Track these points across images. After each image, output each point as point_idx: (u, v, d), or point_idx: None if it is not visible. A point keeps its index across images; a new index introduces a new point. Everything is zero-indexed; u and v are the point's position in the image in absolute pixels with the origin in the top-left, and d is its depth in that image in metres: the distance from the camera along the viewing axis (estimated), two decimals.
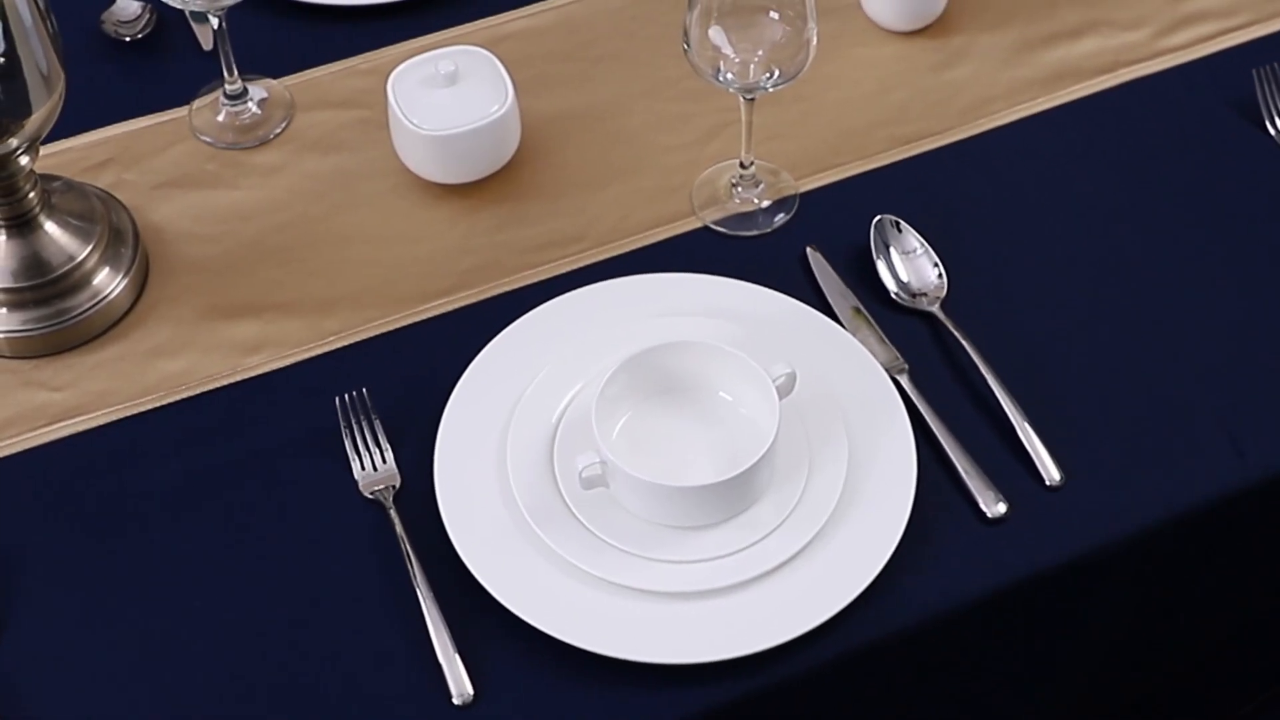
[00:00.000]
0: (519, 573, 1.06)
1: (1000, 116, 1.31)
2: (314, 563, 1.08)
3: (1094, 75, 1.34)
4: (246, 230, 1.26)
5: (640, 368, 1.10)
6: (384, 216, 1.26)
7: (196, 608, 1.07)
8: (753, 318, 1.16)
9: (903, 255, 1.21)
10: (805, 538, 1.06)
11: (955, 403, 1.14)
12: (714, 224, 1.25)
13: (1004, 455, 1.12)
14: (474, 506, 1.08)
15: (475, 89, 1.25)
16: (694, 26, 1.15)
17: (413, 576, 1.06)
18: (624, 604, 1.04)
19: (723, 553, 1.06)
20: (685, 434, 1.10)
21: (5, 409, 1.16)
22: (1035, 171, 1.28)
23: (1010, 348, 1.17)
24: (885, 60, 1.35)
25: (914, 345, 1.18)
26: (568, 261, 1.23)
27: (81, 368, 1.18)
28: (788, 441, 1.09)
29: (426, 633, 1.04)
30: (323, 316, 1.21)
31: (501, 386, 1.13)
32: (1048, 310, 1.19)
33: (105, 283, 1.20)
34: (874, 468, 1.09)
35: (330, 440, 1.13)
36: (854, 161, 1.29)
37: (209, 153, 1.31)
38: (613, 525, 1.07)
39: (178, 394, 1.17)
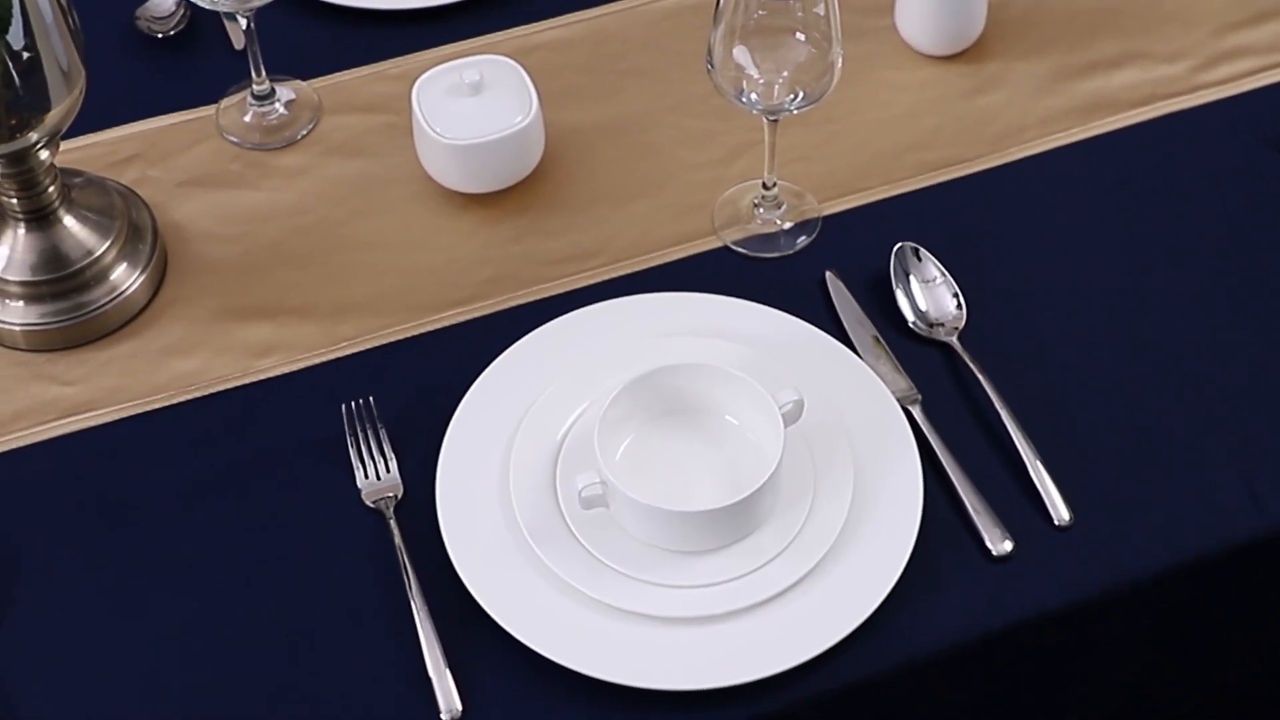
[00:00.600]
0: (515, 590, 1.05)
1: (1032, 145, 1.29)
2: (312, 569, 1.08)
3: (1130, 107, 1.32)
4: (266, 232, 1.26)
5: (647, 388, 1.09)
6: (404, 223, 1.26)
7: (193, 609, 1.06)
8: (766, 341, 1.15)
9: (922, 284, 1.19)
10: (805, 567, 1.04)
11: (968, 436, 1.13)
12: (734, 244, 1.24)
13: (1014, 492, 1.10)
14: (474, 521, 1.08)
15: (500, 99, 1.24)
16: (718, 45, 1.13)
17: (408, 588, 1.05)
18: (620, 627, 1.03)
19: (722, 579, 1.05)
20: (690, 457, 1.09)
21: (16, 402, 1.17)
22: (1064, 203, 1.26)
23: (1027, 382, 1.15)
24: (917, 84, 1.34)
25: (930, 375, 1.16)
26: (585, 276, 1.22)
27: (94, 363, 1.19)
28: (793, 468, 1.08)
29: (419, 645, 1.03)
30: (337, 322, 1.20)
31: (508, 401, 1.13)
32: (1067, 346, 1.17)
33: (122, 278, 1.20)
34: (880, 499, 1.08)
35: (337, 447, 1.13)
36: (880, 186, 1.27)
37: (234, 152, 1.31)
38: (612, 547, 1.06)
39: (188, 394, 1.17)
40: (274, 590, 1.07)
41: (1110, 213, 1.25)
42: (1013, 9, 1.38)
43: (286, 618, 1.06)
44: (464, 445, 1.11)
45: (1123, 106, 1.32)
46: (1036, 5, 1.39)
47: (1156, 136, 1.30)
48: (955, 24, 1.33)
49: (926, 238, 1.22)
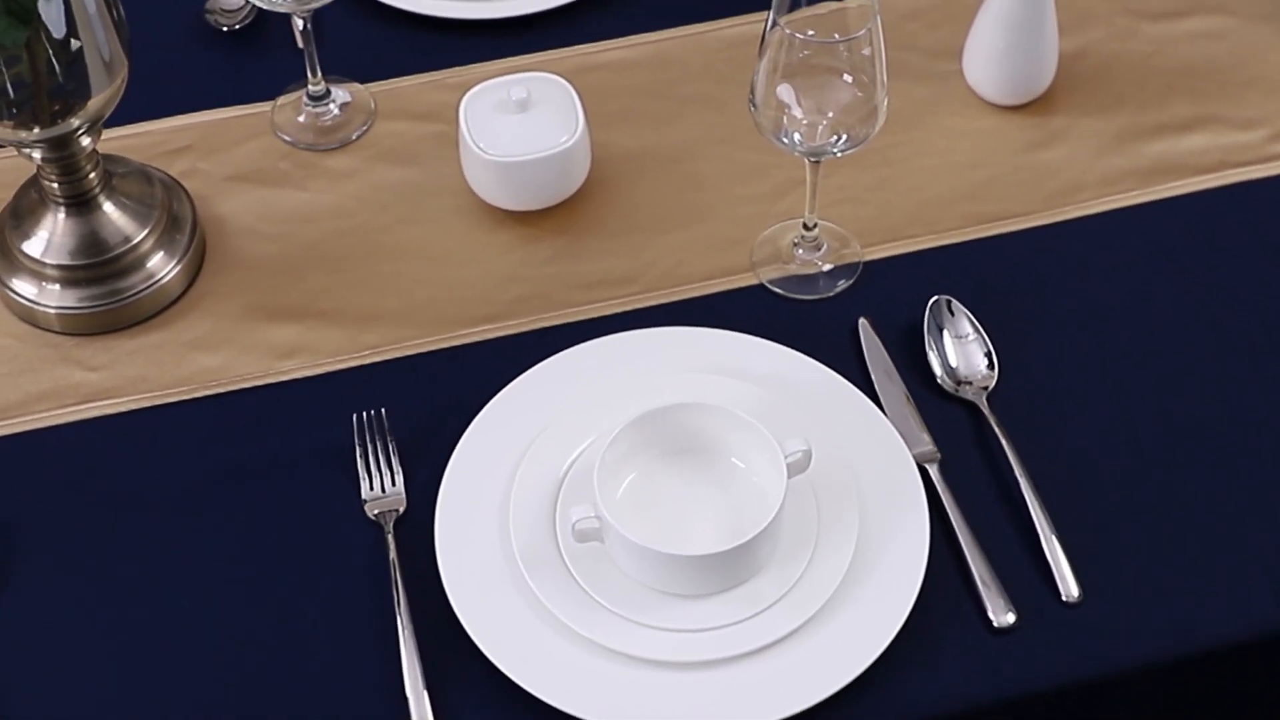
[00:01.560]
0: (504, 619, 1.04)
1: (1089, 205, 1.26)
2: (307, 576, 1.08)
3: (1196, 173, 1.28)
4: (305, 233, 1.26)
5: (654, 425, 1.07)
6: (442, 235, 1.25)
7: (184, 606, 1.07)
8: (787, 385, 1.13)
9: (955, 339, 1.16)
10: (797, 621, 1.02)
11: (984, 500, 1.10)
12: (770, 283, 1.22)
13: (1024, 562, 1.07)
14: (470, 545, 1.07)
15: (546, 117, 1.23)
16: (761, 82, 1.11)
17: (396, 605, 1.05)
18: (605, 665, 1.02)
19: (712, 625, 1.03)
20: (692, 497, 1.07)
21: (42, 383, 1.18)
22: (1115, 269, 1.22)
23: (1051, 450, 1.12)
24: (979, 133, 1.31)
25: (953, 434, 1.13)
26: (616, 303, 1.21)
27: (120, 351, 1.19)
28: (796, 518, 1.06)
29: (402, 663, 1.03)
30: (362, 329, 1.20)
31: (519, 425, 1.12)
32: (1098, 416, 1.14)
33: (158, 266, 1.21)
34: (883, 557, 1.05)
35: (347, 455, 1.13)
36: (926, 235, 1.24)
37: (284, 151, 1.31)
38: (605, 584, 1.04)
39: (208, 389, 1.17)
40: (267, 593, 1.07)
41: (1160, 281, 1.21)
42: (1086, 62, 1.35)
43: (275, 622, 1.06)
44: (469, 466, 1.10)
45: (1188, 172, 1.28)
46: (1111, 61, 1.35)
47: (1219, 205, 1.26)
48: (1023, 74, 1.30)
49: (967, 292, 1.19)
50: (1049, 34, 1.28)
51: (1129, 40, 1.36)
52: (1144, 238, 1.24)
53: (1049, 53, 1.30)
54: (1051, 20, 1.28)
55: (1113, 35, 1.37)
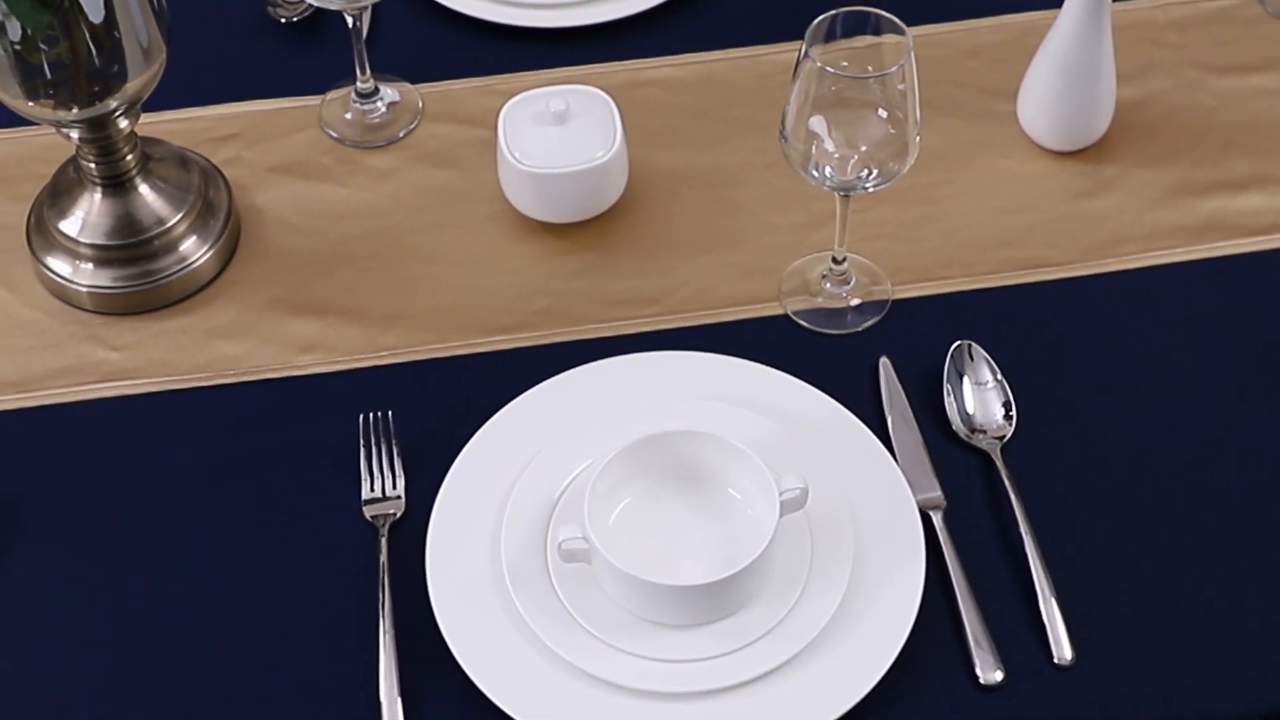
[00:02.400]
0: (485, 633, 1.03)
1: (1131, 259, 1.23)
2: (299, 572, 1.08)
3: (1247, 235, 1.24)
4: (339, 229, 1.26)
5: (653, 450, 1.06)
6: (474, 241, 1.25)
7: (175, 590, 1.07)
8: (798, 419, 1.11)
9: (975, 386, 1.14)
10: (776, 661, 1.01)
11: (986, 551, 1.07)
12: (796, 314, 1.20)
13: (1020, 619, 1.04)
14: (460, 556, 1.06)
15: (583, 131, 1.22)
16: (792, 114, 1.10)
17: (380, 608, 1.05)
18: (580, 689, 1.01)
19: (690, 657, 1.01)
20: (686, 526, 1.06)
21: (65, 359, 1.19)
22: (1150, 328, 1.19)
23: (1060, 508, 1.09)
24: (1027, 177, 1.28)
25: (962, 482, 1.11)
26: (638, 323, 1.20)
27: (146, 333, 1.20)
28: (790, 555, 1.05)
29: (379, 666, 1.03)
30: (383, 330, 1.20)
31: (522, 439, 1.11)
32: (1113, 480, 1.11)
33: (190, 250, 1.22)
34: (874, 602, 1.04)
35: (353, 454, 1.13)
36: (960, 277, 1.22)
37: (328, 146, 1.32)
38: (589, 607, 1.03)
39: (225, 378, 1.18)
40: (258, 585, 1.07)
41: (1194, 345, 1.18)
42: (1146, 112, 1.32)
43: (262, 613, 1.06)
44: (468, 477, 1.10)
45: (1239, 232, 1.24)
46: (1172, 112, 1.32)
47: (1268, 270, 1.22)
48: (1076, 120, 1.27)
49: (995, 339, 1.17)
50: (1105, 80, 1.26)
51: (1193, 92, 1.33)
52: (1184, 298, 1.21)
53: (1104, 99, 1.27)
54: (1109, 66, 1.25)
55: (1177, 86, 1.34)
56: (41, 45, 1.09)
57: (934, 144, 1.30)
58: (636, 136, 1.30)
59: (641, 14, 1.39)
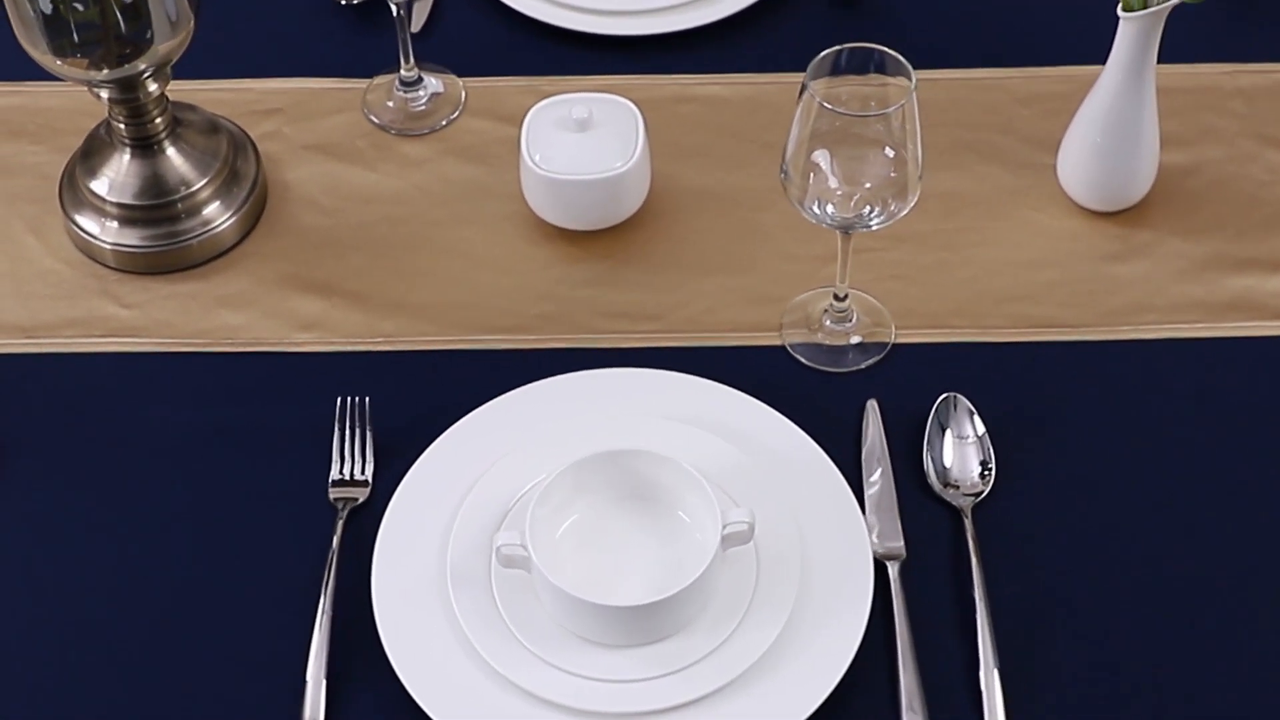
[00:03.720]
0: (419, 631, 1.04)
1: (1148, 330, 1.19)
2: (259, 544, 1.10)
3: (1274, 317, 1.19)
4: (361, 212, 1.28)
5: (609, 466, 1.06)
6: (490, 240, 1.26)
7: (137, 545, 1.10)
8: (770, 453, 1.10)
9: (956, 439, 1.12)
10: (695, 694, 1.00)
11: (937, 611, 1.05)
12: (793, 347, 1.19)
13: (959, 684, 1.02)
14: (409, 551, 1.07)
15: (604, 140, 1.22)
16: (792, 148, 1.08)
17: (323, 590, 1.05)
18: (502, 697, 1.01)
19: (613, 677, 1.01)
20: (633, 545, 1.06)
21: (75, 310, 1.22)
22: (1153, 403, 1.15)
23: (1023, 578, 1.06)
24: (1057, 233, 1.25)
25: (928, 536, 1.09)
26: (636, 338, 1.20)
27: (157, 293, 1.23)
28: (733, 587, 1.04)
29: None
30: (384, 317, 1.21)
31: (488, 441, 1.11)
32: (1084, 555, 1.08)
33: (213, 215, 1.24)
34: (809, 646, 1.02)
35: (330, 435, 1.14)
36: (968, 328, 1.20)
37: (366, 130, 1.33)
38: (524, 615, 1.03)
39: (222, 346, 1.20)
40: (217, 550, 1.09)
41: (1198, 427, 1.14)
42: (1194, 179, 1.28)
43: (216, 578, 1.08)
44: (430, 473, 1.10)
45: (1266, 314, 1.20)
46: (1221, 182, 1.28)
47: None
48: (1113, 180, 1.23)
49: (990, 395, 1.15)
50: (1146, 142, 1.22)
51: (1247, 164, 1.29)
52: (1196, 377, 1.17)
53: (1145, 162, 1.23)
54: (1151, 128, 1.22)
55: (1231, 156, 1.29)
56: (76, 4, 1.12)
57: (968, 190, 1.28)
58: (669, 151, 1.30)
59: (696, 29, 1.38)
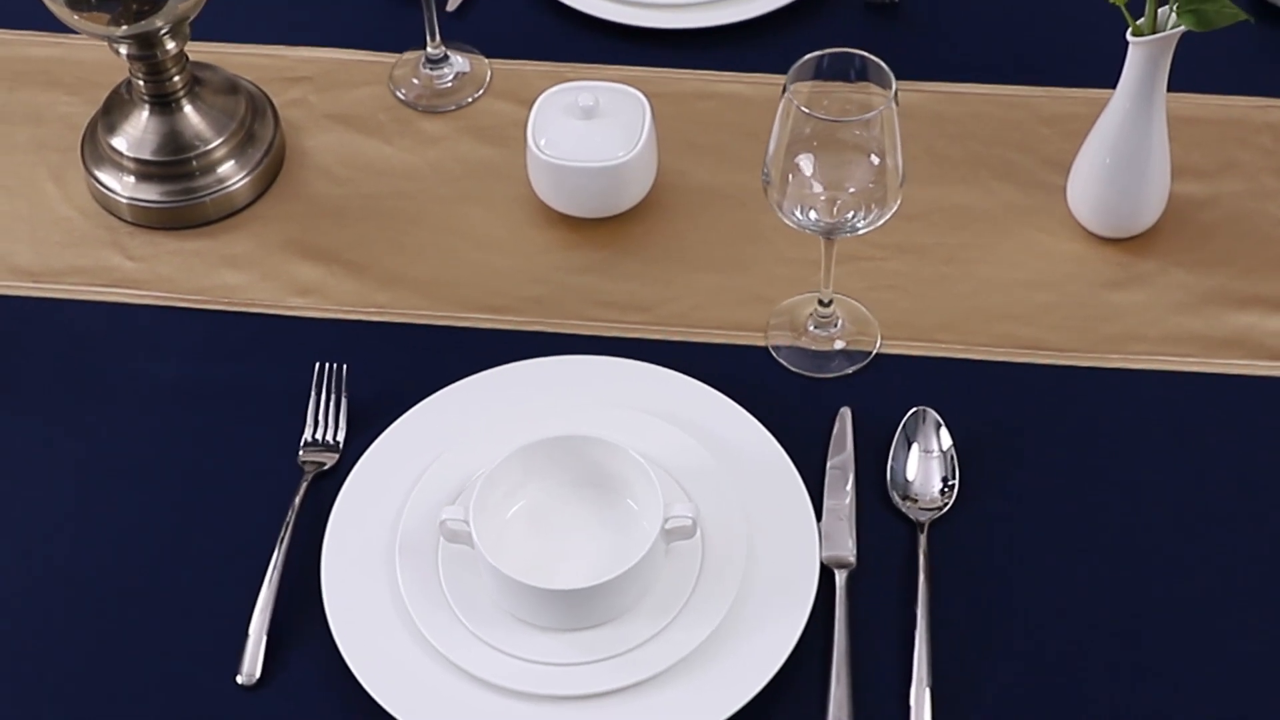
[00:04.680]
0: (361, 599, 1.05)
1: (1137, 360, 1.17)
2: (227, 498, 1.12)
3: (1270, 357, 1.17)
4: (372, 184, 1.29)
5: (563, 451, 1.07)
6: (493, 221, 1.27)
7: (101, 495, 1.13)
8: (734, 452, 1.10)
9: (921, 453, 1.11)
10: (620, 682, 1.00)
11: (880, 623, 1.05)
12: (775, 349, 1.18)
13: (889, 704, 1.01)
14: (362, 521, 1.09)
15: (607, 130, 1.23)
16: (771, 151, 1.08)
17: (276, 548, 1.07)
18: (434, 670, 1.02)
19: (544, 659, 1.02)
20: (581, 530, 1.07)
21: (83, 259, 1.25)
22: (1130, 435, 1.13)
23: (970, 598, 1.06)
24: (1060, 256, 1.23)
25: (881, 548, 1.08)
26: (622, 328, 1.20)
27: (164, 249, 1.26)
28: (675, 579, 1.04)
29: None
30: (379, 288, 1.23)
31: (455, 419, 1.13)
32: (1035, 582, 1.06)
33: (227, 174, 1.27)
34: (743, 645, 1.02)
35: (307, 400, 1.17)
36: (954, 344, 1.18)
37: (390, 104, 1.35)
38: (465, 592, 1.04)
39: (218, 304, 1.22)
40: (187, 501, 1.12)
41: (1172, 462, 1.12)
42: (1207, 212, 1.25)
43: (173, 530, 1.10)
44: (395, 445, 1.12)
45: (1262, 353, 1.17)
46: (1235, 217, 1.25)
47: (1277, 397, 1.15)
48: (1120, 206, 1.22)
49: (966, 412, 1.14)
50: (1155, 170, 1.20)
51: (1266, 200, 1.26)
52: (1179, 412, 1.15)
53: (1153, 190, 1.21)
54: (1161, 157, 1.20)
55: (1251, 191, 1.27)
56: None
57: (977, 205, 1.27)
58: (682, 146, 1.30)
59: (728, 26, 1.38)
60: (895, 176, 1.07)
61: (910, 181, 1.28)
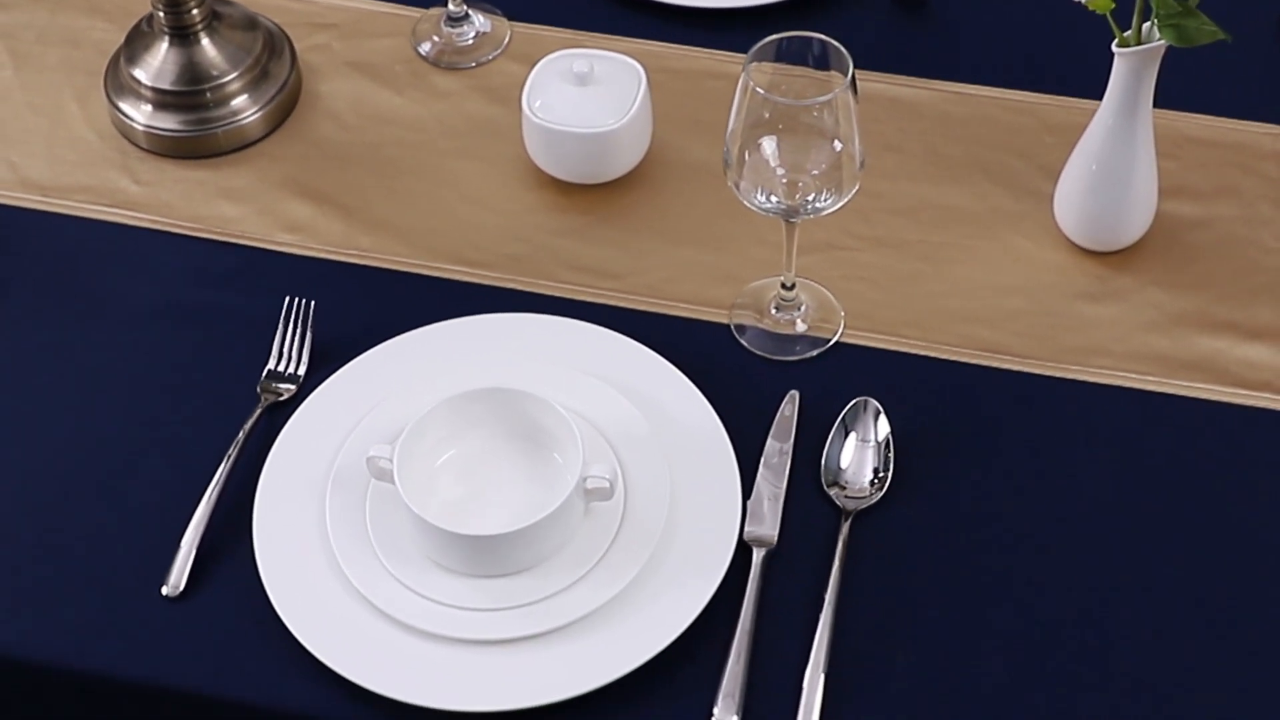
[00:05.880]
0: (288, 528, 1.08)
1: (1096, 374, 1.16)
2: (181, 418, 1.16)
3: (1233, 384, 1.16)
4: (377, 132, 1.33)
5: (496, 404, 1.09)
6: (485, 178, 1.29)
7: (69, 403, 1.17)
8: (673, 421, 1.12)
9: (858, 442, 1.11)
10: (512, 634, 1.03)
11: (788, 608, 1.05)
12: (736, 328, 1.20)
13: (784, 685, 1.02)
14: (300, 454, 1.12)
15: (599, 98, 1.25)
16: (733, 132, 1.09)
17: (219, 470, 1.11)
18: (347, 603, 1.05)
19: (449, 602, 1.04)
20: (506, 482, 1.09)
21: (93, 178, 1.30)
22: (1074, 449, 1.13)
23: (881, 595, 1.06)
24: (1039, 264, 1.23)
25: (805, 533, 1.09)
26: (591, 293, 1.22)
27: (169, 177, 1.30)
28: (590, 539, 1.06)
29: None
30: (363, 232, 1.26)
31: (410, 364, 1.15)
32: (948, 586, 1.07)
33: (240, 107, 1.32)
34: (646, 608, 1.04)
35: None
36: (915, 340, 1.19)
37: (408, 57, 1.38)
38: (387, 533, 1.07)
39: (210, 234, 1.27)
40: (140, 418, 1.16)
41: (1115, 480, 1.11)
42: (1197, 234, 1.24)
43: (131, 441, 1.14)
44: (349, 381, 1.15)
45: (1226, 379, 1.16)
46: (1224, 242, 1.24)
47: (1232, 424, 1.14)
48: (1100, 220, 1.21)
49: (912, 409, 1.14)
50: (1139, 185, 1.19)
51: (1259, 228, 1.25)
52: (1130, 430, 1.14)
53: (1137, 205, 1.20)
54: (1145, 172, 1.19)
55: (1245, 218, 1.25)
56: None
57: (965, 206, 1.27)
58: (683, 122, 1.31)
59: (753, 9, 1.39)
60: (853, 162, 1.08)
61: (903, 177, 1.29)
